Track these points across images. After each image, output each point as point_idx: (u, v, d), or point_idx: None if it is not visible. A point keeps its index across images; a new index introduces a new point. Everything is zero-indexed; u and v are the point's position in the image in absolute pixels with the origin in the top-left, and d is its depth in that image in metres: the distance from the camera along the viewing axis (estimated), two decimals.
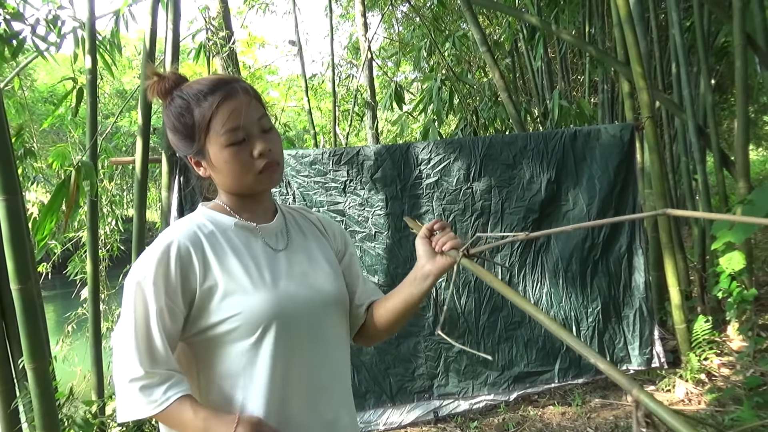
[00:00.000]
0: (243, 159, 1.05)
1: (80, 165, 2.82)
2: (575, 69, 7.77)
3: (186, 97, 1.07)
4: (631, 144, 3.58)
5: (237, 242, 1.09)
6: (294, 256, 1.13)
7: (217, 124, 1.04)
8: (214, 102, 1.04)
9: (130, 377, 0.99)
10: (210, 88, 1.06)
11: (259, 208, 1.16)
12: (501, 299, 3.43)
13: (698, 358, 3.44)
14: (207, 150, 1.07)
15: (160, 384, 0.99)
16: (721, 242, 3.26)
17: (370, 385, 3.33)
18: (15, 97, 4.91)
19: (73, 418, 2.77)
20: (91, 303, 3.51)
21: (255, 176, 1.07)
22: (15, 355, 2.69)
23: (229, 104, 1.05)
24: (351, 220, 3.38)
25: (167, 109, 1.09)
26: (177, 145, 1.11)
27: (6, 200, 2.37)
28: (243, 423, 0.96)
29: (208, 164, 1.09)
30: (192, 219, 1.11)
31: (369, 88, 7.63)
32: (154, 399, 0.98)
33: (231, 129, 1.04)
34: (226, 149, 1.04)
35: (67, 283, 6.19)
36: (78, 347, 5.24)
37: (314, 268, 1.15)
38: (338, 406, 1.14)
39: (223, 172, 1.07)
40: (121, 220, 5.82)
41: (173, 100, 1.09)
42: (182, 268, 1.02)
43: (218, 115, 1.04)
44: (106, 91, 9.43)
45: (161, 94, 1.10)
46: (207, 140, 1.06)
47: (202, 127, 1.05)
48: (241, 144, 1.05)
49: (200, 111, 1.05)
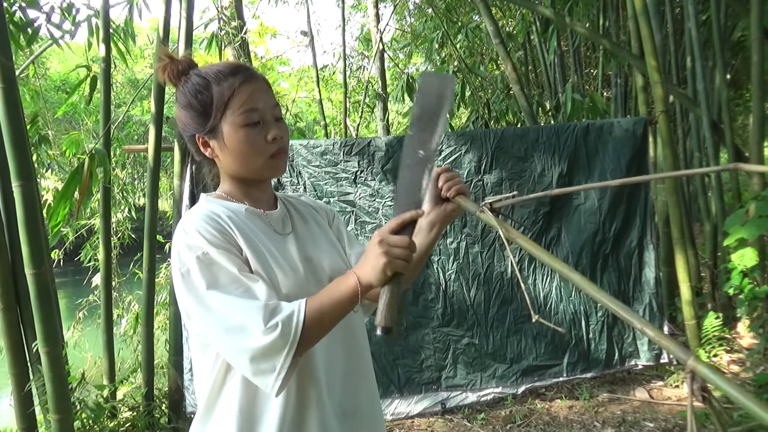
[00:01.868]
0: (256, 141, 1.06)
1: (94, 152, 2.84)
2: (588, 62, 7.71)
3: (205, 76, 1.08)
4: (644, 138, 3.55)
5: (252, 227, 1.08)
6: (299, 241, 1.14)
7: (235, 104, 1.05)
8: (235, 83, 1.06)
9: (255, 346, 0.91)
10: (231, 70, 1.08)
11: (262, 195, 1.16)
12: (510, 292, 3.43)
13: (708, 354, 3.43)
14: (221, 129, 1.06)
15: (281, 320, 0.91)
16: (733, 238, 3.23)
17: (378, 376, 3.35)
18: (30, 84, 4.94)
19: (85, 402, 2.81)
20: (103, 289, 3.55)
21: (266, 160, 1.08)
22: (29, 339, 2.73)
23: (248, 87, 1.06)
24: (361, 210, 3.39)
25: (182, 87, 1.09)
26: (188, 123, 1.10)
27: (21, 186, 2.40)
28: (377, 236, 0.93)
29: (219, 144, 1.08)
30: (209, 204, 1.09)
31: (380, 79, 7.62)
32: (289, 330, 0.90)
33: (249, 110, 1.05)
34: (241, 129, 1.05)
35: (78, 270, 6.26)
36: (89, 333, 5.31)
37: (320, 251, 1.16)
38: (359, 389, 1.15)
39: (234, 152, 1.07)
40: (134, 208, 5.87)
41: (189, 78, 1.09)
42: (233, 237, 1.01)
43: (238, 95, 1.05)
44: (118, 80, 9.47)
45: (173, 75, 1.10)
46: (223, 119, 1.06)
47: (220, 105, 1.05)
48: (256, 126, 1.06)
49: (220, 89, 1.05)
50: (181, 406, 3.32)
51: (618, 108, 6.13)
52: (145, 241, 3.41)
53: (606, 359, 3.49)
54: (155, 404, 3.39)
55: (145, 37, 9.70)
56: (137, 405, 3.37)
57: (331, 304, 0.94)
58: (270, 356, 0.90)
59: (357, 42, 11.11)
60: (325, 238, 1.22)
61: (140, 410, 3.29)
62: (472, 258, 3.43)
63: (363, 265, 0.94)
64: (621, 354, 3.51)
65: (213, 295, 0.95)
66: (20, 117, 2.53)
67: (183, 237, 1.00)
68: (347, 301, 0.94)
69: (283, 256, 1.08)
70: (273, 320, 0.91)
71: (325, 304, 0.94)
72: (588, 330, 3.49)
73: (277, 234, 1.12)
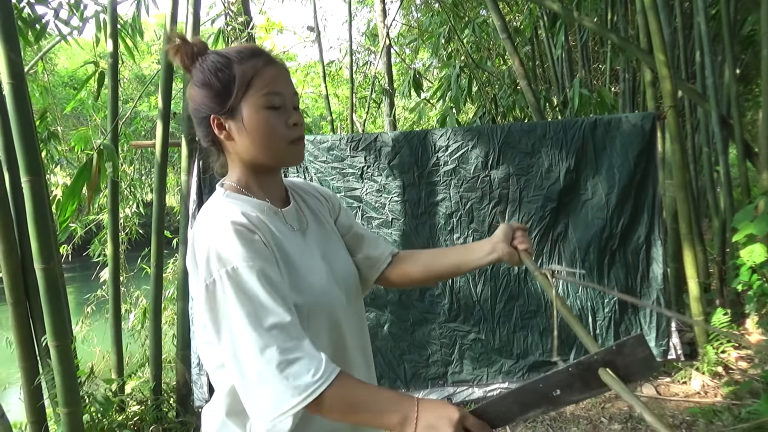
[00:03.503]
0: (277, 125, 1.03)
1: (102, 148, 2.85)
2: (596, 57, 7.66)
3: (226, 55, 1.04)
4: (652, 133, 3.52)
5: (280, 227, 1.05)
6: (313, 238, 1.12)
7: (258, 84, 1.02)
8: (258, 63, 1.03)
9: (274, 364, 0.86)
10: (253, 51, 1.05)
11: (274, 185, 1.12)
12: (517, 288, 3.42)
13: (716, 350, 3.41)
14: (241, 109, 1.02)
15: (310, 362, 0.87)
16: (742, 234, 3.21)
17: (385, 371, 3.36)
18: (38, 80, 4.97)
19: (94, 396, 2.83)
20: (112, 284, 3.57)
21: (286, 145, 1.04)
22: (38, 333, 2.75)
23: (271, 69, 1.04)
24: (368, 206, 3.39)
25: (200, 65, 1.05)
26: (203, 102, 1.04)
27: (30, 181, 2.42)
28: (442, 403, 0.86)
29: (237, 126, 1.03)
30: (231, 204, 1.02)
31: (387, 74, 7.61)
32: (310, 380, 0.85)
33: (272, 92, 1.02)
34: (263, 111, 1.02)
35: (86, 266, 6.30)
36: (97, 328, 5.35)
37: (333, 248, 1.15)
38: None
39: (253, 135, 1.02)
40: (142, 203, 5.90)
41: (207, 57, 1.05)
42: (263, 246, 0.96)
43: (261, 76, 1.02)
44: (126, 76, 9.50)
45: (186, 56, 1.05)
46: (244, 99, 1.02)
47: (242, 84, 1.01)
48: (277, 111, 1.03)
49: (242, 69, 1.02)
50: (188, 400, 3.34)
51: (626, 103, 6.09)
52: (153, 236, 3.43)
53: None
54: (163, 398, 3.41)
55: (152, 33, 9.71)
56: (145, 399, 3.39)
57: (363, 410, 0.87)
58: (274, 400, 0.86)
59: (363, 37, 11.10)
60: (334, 235, 1.20)
61: (148, 404, 3.32)
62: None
63: (426, 416, 0.84)
64: None
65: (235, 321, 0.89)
66: (29, 112, 2.55)
67: (214, 242, 0.93)
68: (376, 422, 0.87)
69: (305, 256, 1.06)
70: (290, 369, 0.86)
71: (359, 405, 0.87)
72: (595, 326, 3.48)
73: (295, 231, 1.09)
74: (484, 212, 3.42)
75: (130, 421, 3.16)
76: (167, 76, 3.41)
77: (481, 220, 3.42)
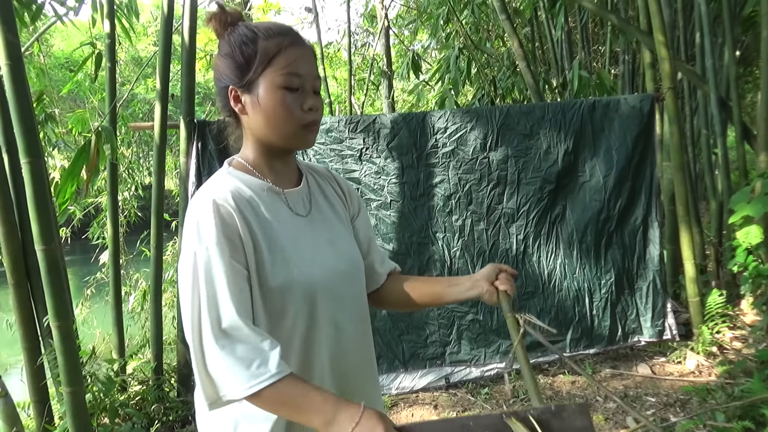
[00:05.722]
0: (292, 107, 1.02)
1: (100, 129, 2.85)
2: (596, 39, 7.61)
3: (254, 29, 1.04)
4: (650, 115, 3.53)
5: (271, 208, 1.06)
6: (317, 223, 1.12)
7: (279, 63, 1.02)
8: (283, 42, 1.03)
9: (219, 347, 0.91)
10: (281, 29, 1.05)
11: (285, 169, 1.13)
12: (515, 269, 3.44)
13: (710, 331, 3.45)
14: (258, 85, 1.02)
15: (262, 352, 0.91)
16: (739, 216, 3.23)
17: (383, 351, 3.39)
18: (35, 62, 4.93)
19: (96, 375, 2.86)
20: (112, 266, 3.59)
21: (298, 128, 1.04)
22: (40, 314, 2.78)
23: (296, 50, 1.04)
24: (366, 188, 3.40)
25: (228, 36, 1.06)
26: (225, 72, 1.06)
27: (30, 163, 2.42)
28: (371, 415, 0.87)
29: (252, 101, 1.04)
30: (228, 180, 1.05)
31: (385, 56, 7.57)
32: (259, 372, 0.90)
33: (291, 73, 1.02)
34: (279, 90, 1.02)
35: (86, 249, 6.32)
36: (97, 311, 5.38)
37: (337, 235, 1.15)
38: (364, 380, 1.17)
39: (266, 113, 1.03)
40: (141, 186, 5.90)
41: (237, 28, 1.06)
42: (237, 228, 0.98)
43: (283, 55, 1.02)
44: (122, 58, 9.43)
45: (222, 23, 1.06)
46: (262, 75, 1.02)
47: (263, 60, 1.02)
48: (294, 92, 1.02)
49: (266, 45, 1.02)
50: (189, 380, 3.38)
51: (625, 85, 6.07)
52: (153, 218, 3.44)
53: (609, 336, 3.52)
54: (164, 378, 3.45)
55: (149, 14, 9.62)
56: (147, 379, 3.43)
57: (296, 408, 0.91)
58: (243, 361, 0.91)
59: (362, 19, 10.98)
60: (342, 221, 1.20)
61: (150, 384, 3.36)
62: (477, 235, 3.44)
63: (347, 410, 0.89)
64: (624, 330, 3.54)
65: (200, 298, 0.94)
66: (27, 94, 2.54)
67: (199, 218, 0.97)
68: (303, 419, 0.92)
69: (302, 239, 1.06)
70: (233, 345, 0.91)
71: (290, 404, 0.91)
72: (592, 307, 3.52)
73: (296, 215, 1.09)
74: (483, 194, 3.43)
75: (132, 401, 3.20)
76: (165, 57, 3.39)
77: (480, 202, 3.43)
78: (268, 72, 1.02)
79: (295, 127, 1.04)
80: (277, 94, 1.02)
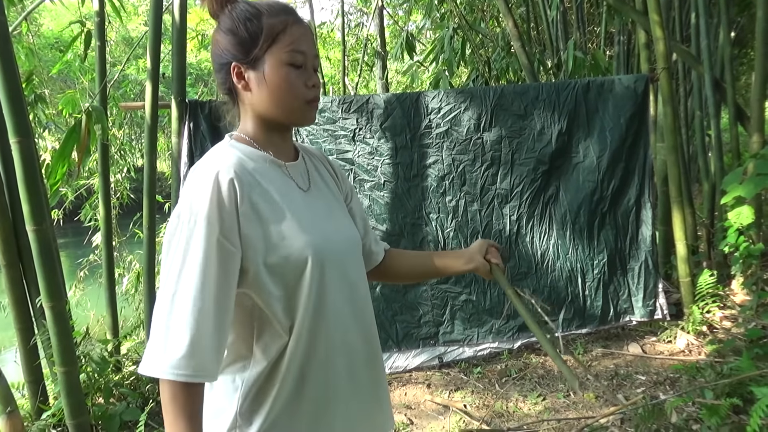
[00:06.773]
0: (296, 83, 1.04)
1: (91, 109, 2.82)
2: (591, 20, 7.56)
3: (257, 6, 1.05)
4: (645, 96, 3.52)
5: (274, 179, 1.05)
6: (317, 199, 1.12)
7: (284, 40, 1.04)
8: (288, 20, 1.05)
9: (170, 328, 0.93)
10: (282, 7, 1.07)
11: (285, 145, 1.13)
12: (508, 249, 3.45)
13: (701, 310, 3.49)
14: (264, 61, 1.03)
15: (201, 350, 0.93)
16: (730, 196, 3.24)
17: (377, 331, 3.41)
18: (23, 42, 4.86)
19: (90, 356, 2.87)
20: (105, 247, 3.58)
21: (302, 104, 1.06)
22: (33, 295, 2.78)
23: (299, 28, 1.06)
24: (360, 168, 3.39)
25: (230, 12, 1.06)
26: (227, 48, 1.06)
27: (19, 142, 2.40)
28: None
29: (257, 77, 1.04)
30: (231, 152, 1.04)
31: (379, 37, 7.50)
32: (182, 364, 0.93)
33: (296, 50, 1.04)
34: (284, 67, 1.03)
35: (78, 231, 6.30)
36: (90, 293, 5.39)
37: (337, 210, 1.16)
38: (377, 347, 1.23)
39: (271, 89, 1.04)
40: (133, 168, 5.86)
41: (238, 5, 1.07)
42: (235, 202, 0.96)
43: (288, 32, 1.04)
44: (113, 38, 9.30)
45: (216, 2, 1.07)
46: (268, 51, 1.03)
47: (268, 36, 1.03)
48: (298, 69, 1.04)
49: (271, 22, 1.04)
50: None
51: (620, 66, 6.05)
52: (145, 200, 3.42)
53: (601, 315, 3.55)
54: None
55: None
56: (141, 359, 3.44)
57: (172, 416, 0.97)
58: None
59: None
60: (338, 198, 1.20)
61: None
62: (471, 216, 3.45)
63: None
64: (616, 310, 3.57)
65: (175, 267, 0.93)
66: (15, 73, 2.51)
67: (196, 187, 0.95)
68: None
69: (303, 211, 1.05)
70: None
71: (171, 411, 0.98)
72: (584, 287, 3.54)
73: (298, 188, 1.09)
74: (476, 174, 3.43)
75: (126, 380, 3.21)
76: (155, 37, 3.34)
77: (473, 183, 3.43)
78: (274, 49, 1.03)
79: (300, 103, 1.06)
80: (283, 70, 1.03)
